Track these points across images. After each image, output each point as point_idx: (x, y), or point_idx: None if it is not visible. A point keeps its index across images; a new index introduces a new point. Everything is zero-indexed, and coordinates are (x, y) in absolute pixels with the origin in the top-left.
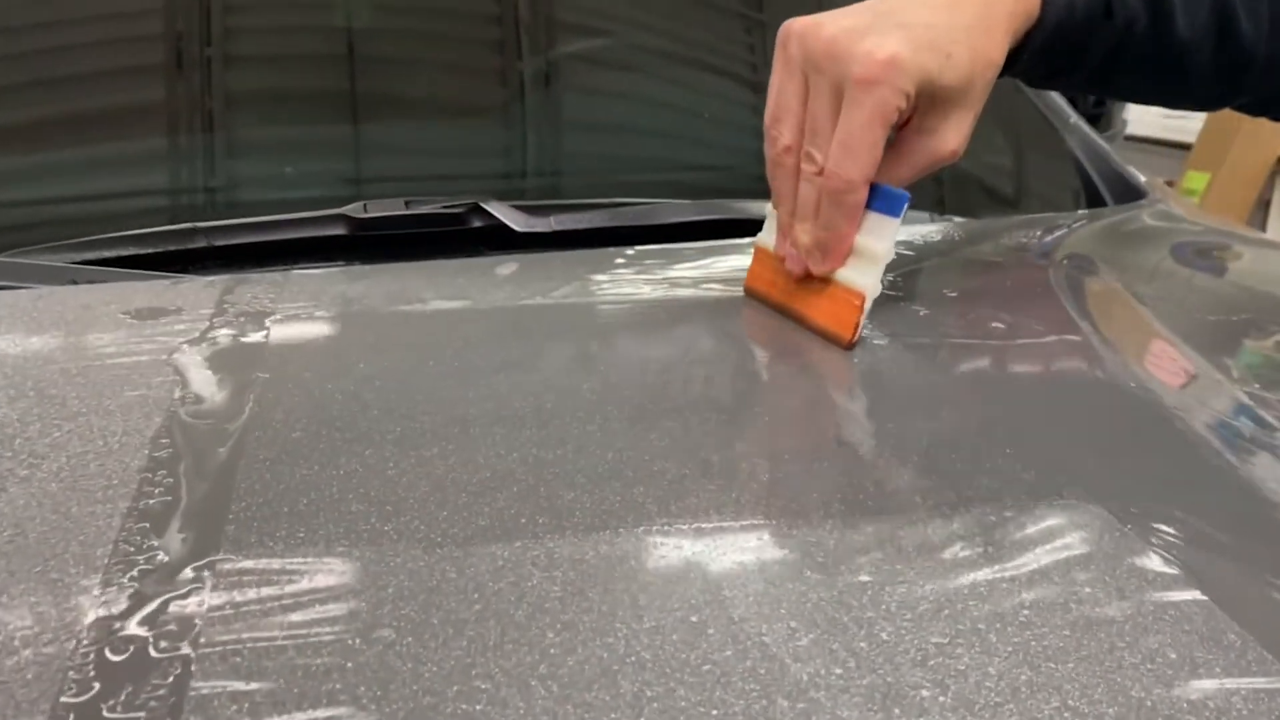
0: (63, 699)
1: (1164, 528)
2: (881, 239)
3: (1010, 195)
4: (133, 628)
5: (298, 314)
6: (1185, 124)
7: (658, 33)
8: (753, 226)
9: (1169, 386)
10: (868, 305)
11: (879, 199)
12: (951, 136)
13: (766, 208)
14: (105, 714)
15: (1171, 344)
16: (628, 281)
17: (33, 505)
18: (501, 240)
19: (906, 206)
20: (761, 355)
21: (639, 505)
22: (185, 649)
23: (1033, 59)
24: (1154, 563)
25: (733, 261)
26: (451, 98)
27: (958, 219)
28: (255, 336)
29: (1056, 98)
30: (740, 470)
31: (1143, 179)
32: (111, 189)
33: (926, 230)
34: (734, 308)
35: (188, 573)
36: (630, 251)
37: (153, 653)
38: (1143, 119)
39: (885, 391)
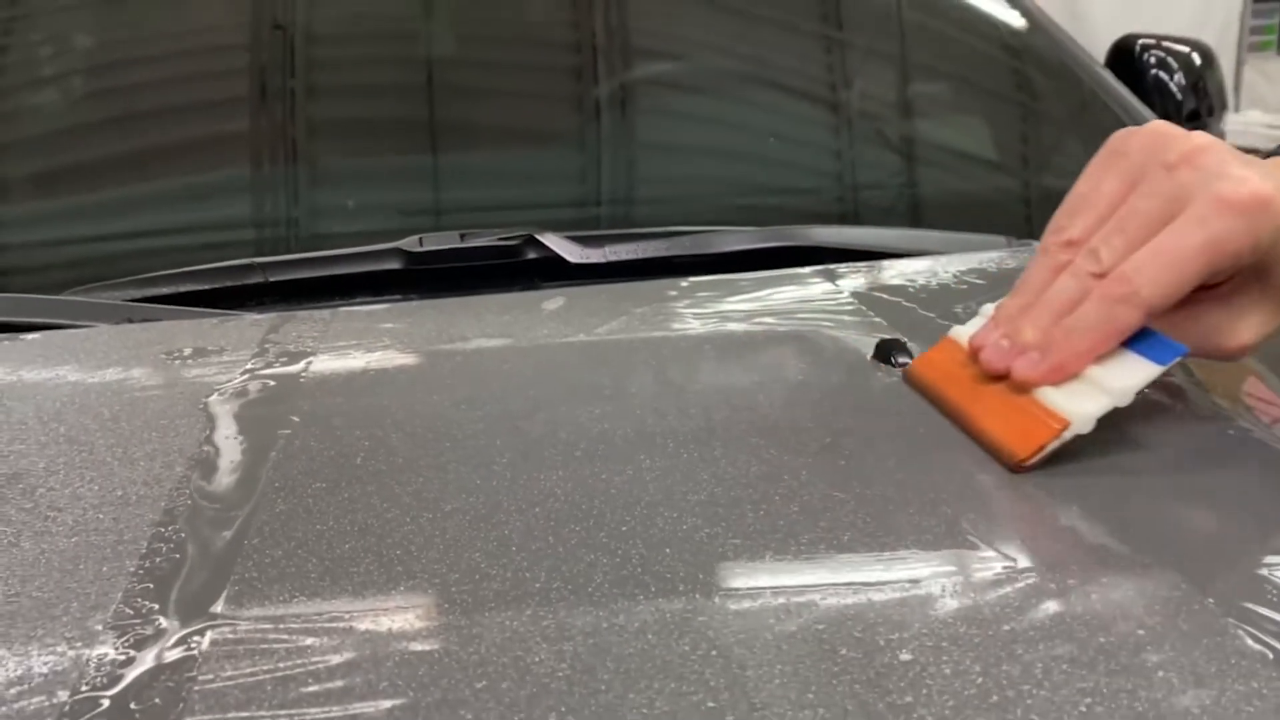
0: None
1: (1253, 604)
2: (1126, 378)
3: None
4: (120, 697)
5: (338, 354)
6: None
7: (735, 56)
8: (817, 255)
9: (1261, 428)
10: (1066, 436)
11: (1144, 340)
12: (1251, 328)
13: (985, 308)
14: None
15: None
16: (676, 316)
17: (41, 562)
18: (558, 271)
19: (1177, 361)
20: (801, 400)
21: (661, 569)
22: None
23: None
24: (1239, 642)
25: (790, 293)
26: (530, 126)
27: (1037, 244)
28: (292, 379)
29: (1145, 109)
30: (773, 530)
31: None
32: (188, 222)
33: (1002, 258)
34: (785, 344)
35: (183, 639)
36: (684, 283)
37: None
38: (1248, 130)
39: (938, 439)
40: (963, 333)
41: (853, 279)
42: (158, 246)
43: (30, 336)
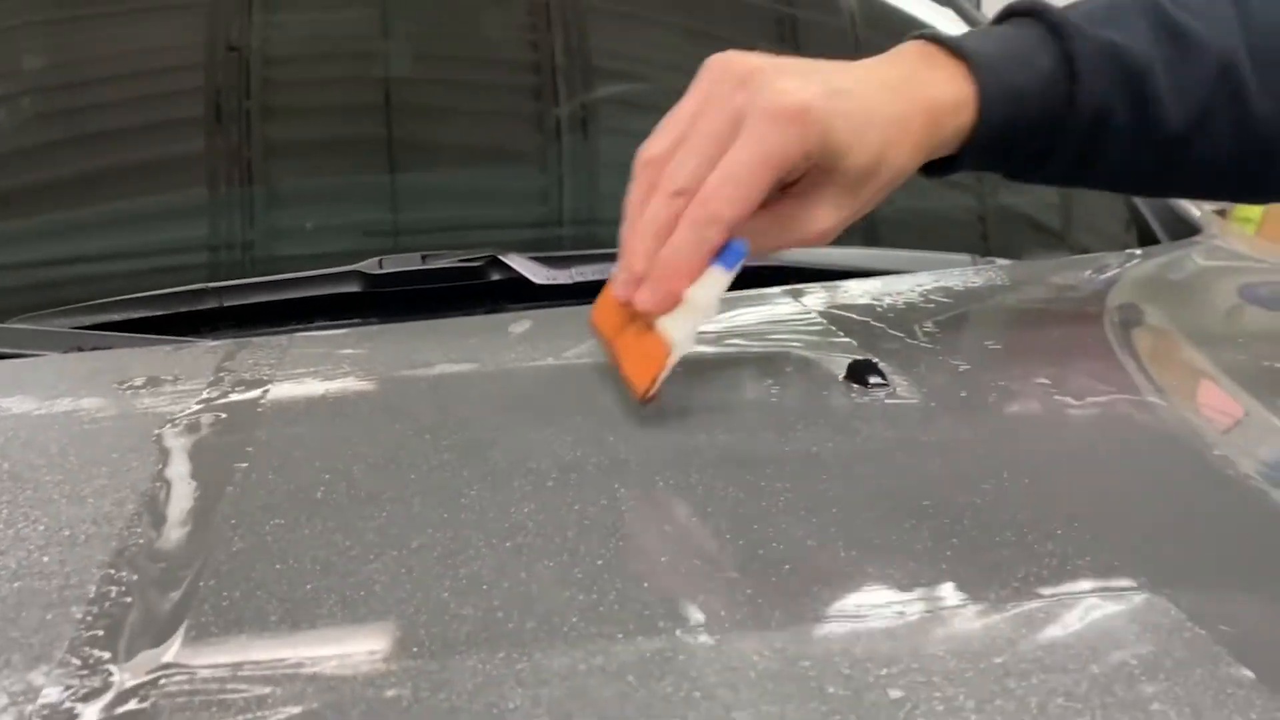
0: None
1: (1242, 630)
2: (707, 290)
3: (1058, 232)
4: None
5: (296, 382)
6: None
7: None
8: (782, 274)
9: (1241, 452)
10: (672, 360)
11: (722, 251)
12: (827, 217)
13: None
14: None
15: (1243, 403)
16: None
17: None
18: (522, 292)
19: (742, 264)
20: (775, 424)
21: (640, 607)
22: None
23: (978, 160)
24: (1232, 670)
25: (758, 313)
26: (488, 145)
27: (1001, 261)
28: (248, 409)
29: None
30: (753, 561)
31: (1196, 212)
32: (142, 245)
33: (967, 276)
34: (756, 366)
35: (134, 690)
36: None
37: None
38: None
39: (917, 461)
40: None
41: (819, 298)
42: (109, 271)
43: None
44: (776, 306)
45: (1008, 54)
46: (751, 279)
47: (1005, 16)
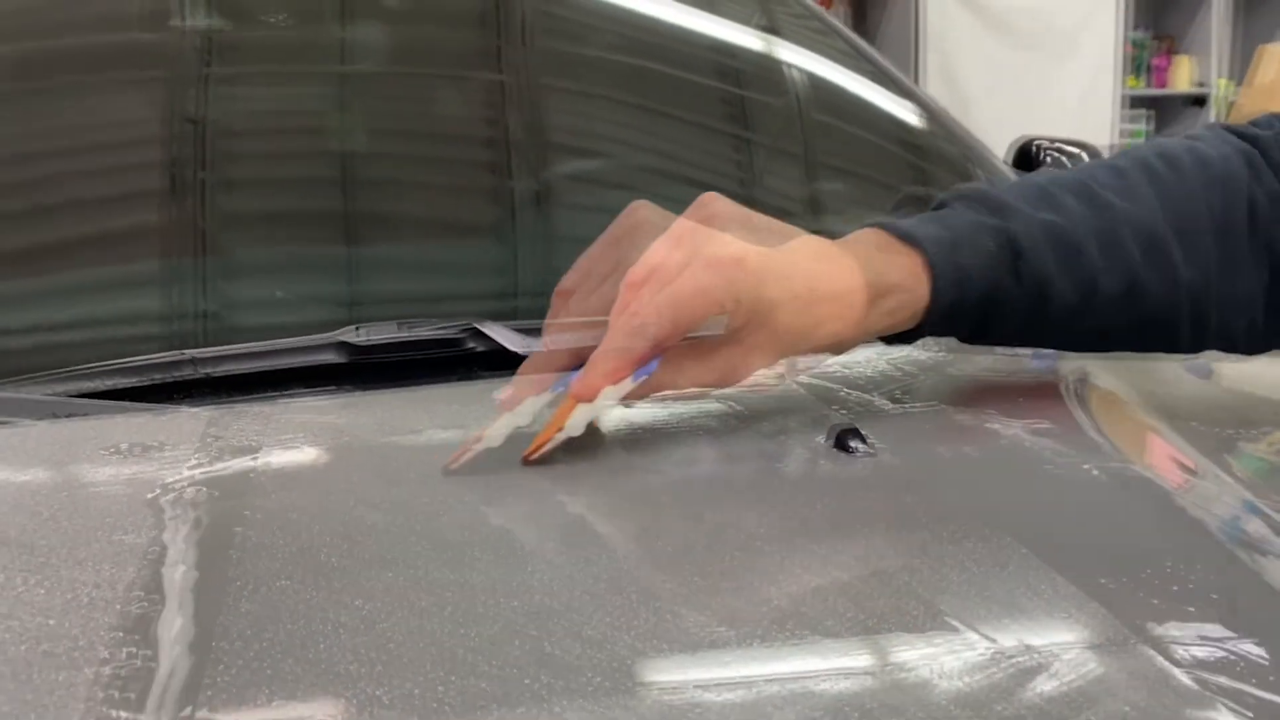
0: None
1: (1230, 679)
2: (612, 394)
3: None
4: None
5: (286, 448)
6: None
7: (648, 152)
8: None
9: (1191, 496)
10: (559, 438)
11: (645, 366)
12: (752, 365)
13: None
14: None
15: (1182, 452)
16: (626, 401)
17: None
18: (498, 361)
19: (646, 379)
20: (764, 486)
21: (654, 660)
22: None
23: (935, 331)
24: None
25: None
26: (445, 218)
27: None
28: (241, 475)
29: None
30: (759, 618)
31: None
32: (99, 315)
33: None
34: (741, 430)
35: None
36: None
37: None
38: None
39: (906, 522)
40: None
41: (792, 363)
42: (67, 341)
43: None
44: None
45: (957, 239)
46: None
47: (947, 201)
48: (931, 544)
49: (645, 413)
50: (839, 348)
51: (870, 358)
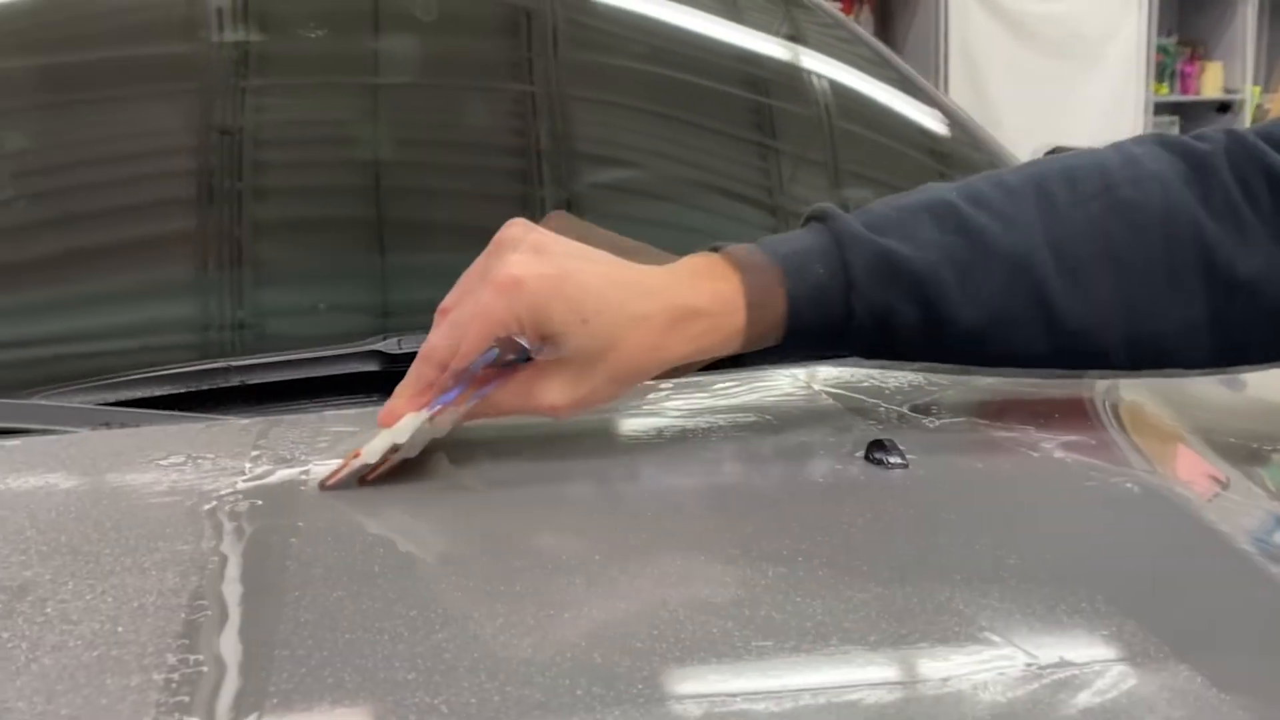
0: None
1: (1264, 695)
2: (408, 421)
3: None
4: None
5: (336, 460)
6: None
7: (675, 161)
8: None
9: (1222, 509)
10: (356, 464)
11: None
12: (555, 391)
13: None
14: None
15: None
16: (660, 413)
17: (65, 678)
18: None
19: (438, 410)
20: (803, 498)
21: (698, 671)
22: None
23: (780, 356)
24: None
25: (763, 390)
26: (477, 227)
27: None
28: (292, 486)
29: None
30: (802, 632)
31: None
32: (135, 324)
33: None
34: (777, 443)
35: None
36: (663, 384)
37: None
38: None
39: (943, 536)
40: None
41: (825, 377)
42: (102, 350)
43: (10, 443)
44: (779, 382)
45: (787, 265)
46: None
47: (808, 219)
48: (969, 558)
49: (674, 424)
50: (643, 373)
51: (902, 367)
